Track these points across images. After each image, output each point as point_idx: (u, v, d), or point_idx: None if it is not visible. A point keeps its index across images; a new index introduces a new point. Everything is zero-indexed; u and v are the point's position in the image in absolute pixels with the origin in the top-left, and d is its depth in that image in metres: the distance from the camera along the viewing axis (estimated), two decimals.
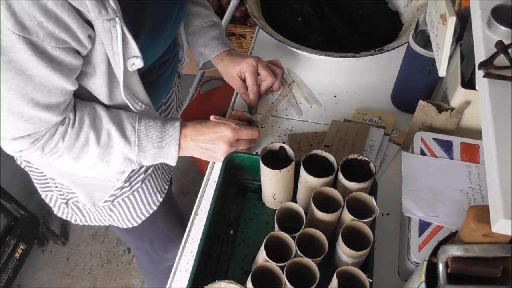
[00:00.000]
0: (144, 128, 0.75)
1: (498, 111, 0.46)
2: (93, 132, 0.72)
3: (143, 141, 0.75)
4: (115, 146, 0.74)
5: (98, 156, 0.74)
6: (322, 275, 0.62)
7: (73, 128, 0.71)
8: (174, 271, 0.79)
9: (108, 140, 0.73)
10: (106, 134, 0.73)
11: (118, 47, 0.63)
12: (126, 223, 0.98)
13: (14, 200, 1.64)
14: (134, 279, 1.76)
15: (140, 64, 0.67)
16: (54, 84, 0.62)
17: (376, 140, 0.92)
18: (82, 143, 0.72)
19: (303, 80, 1.06)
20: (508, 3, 0.55)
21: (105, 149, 0.73)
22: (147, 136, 0.76)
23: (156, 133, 0.76)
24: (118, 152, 0.74)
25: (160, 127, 0.77)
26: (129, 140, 0.74)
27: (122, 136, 0.74)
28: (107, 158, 0.75)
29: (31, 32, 0.54)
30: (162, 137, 0.76)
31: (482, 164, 0.78)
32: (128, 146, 0.74)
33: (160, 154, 0.78)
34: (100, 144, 0.73)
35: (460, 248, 0.49)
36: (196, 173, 2.03)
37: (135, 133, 0.75)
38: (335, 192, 0.70)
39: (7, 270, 1.60)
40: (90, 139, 0.72)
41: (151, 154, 0.77)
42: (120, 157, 0.75)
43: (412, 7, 1.10)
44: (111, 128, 0.73)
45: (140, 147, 0.75)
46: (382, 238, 0.79)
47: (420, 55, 0.84)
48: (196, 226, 0.84)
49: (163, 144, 0.77)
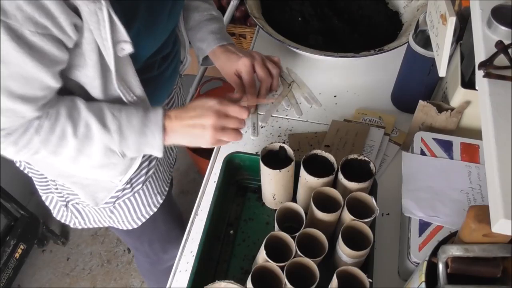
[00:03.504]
0: (125, 117, 0.70)
1: (498, 111, 0.46)
2: (70, 123, 0.67)
3: (125, 130, 0.70)
4: (95, 137, 0.69)
5: (77, 149, 0.69)
6: (322, 275, 0.62)
7: (48, 121, 0.66)
8: (174, 271, 0.79)
9: (87, 131, 0.68)
10: (84, 125, 0.68)
11: (106, 31, 0.61)
12: (126, 225, 0.98)
13: (14, 200, 1.64)
14: (134, 279, 1.76)
15: (129, 49, 0.65)
16: (32, 74, 0.59)
17: (376, 140, 0.92)
18: (58, 136, 0.67)
19: (303, 80, 1.06)
20: (508, 3, 0.55)
21: (83, 141, 0.68)
22: (128, 124, 0.70)
23: (138, 119, 0.71)
24: (98, 142, 0.69)
25: (142, 114, 0.72)
26: (109, 129, 0.69)
27: (102, 125, 0.69)
28: (87, 151, 0.70)
29: (9, 15, 0.52)
30: (145, 124, 0.71)
31: (482, 164, 0.78)
32: (109, 135, 0.69)
33: (144, 143, 0.72)
34: (78, 136, 0.68)
35: (460, 248, 0.49)
36: (196, 173, 2.03)
37: (115, 121, 0.69)
38: (335, 192, 0.70)
39: (7, 270, 1.60)
40: (67, 132, 0.67)
41: (134, 143, 0.71)
42: (101, 148, 0.70)
43: (412, 7, 1.10)
44: (89, 118, 0.68)
45: (122, 136, 0.70)
46: (382, 238, 0.79)
47: (420, 55, 0.84)
48: (196, 226, 0.84)
49: (146, 132, 0.71)
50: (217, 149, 0.96)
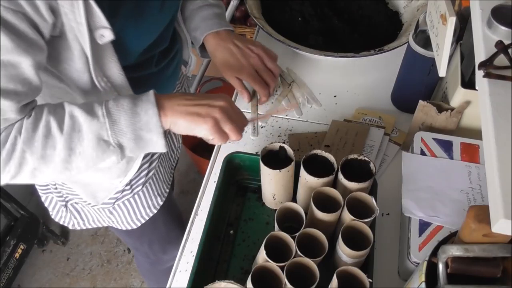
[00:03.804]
0: (112, 100, 0.64)
1: (498, 111, 0.46)
2: (53, 117, 0.61)
3: (113, 111, 0.62)
4: (83, 127, 0.62)
5: (67, 147, 0.61)
6: (322, 275, 0.62)
7: (30, 119, 0.60)
8: (174, 271, 0.79)
9: (73, 123, 0.61)
10: (69, 117, 0.61)
11: (81, 15, 0.58)
12: (125, 225, 0.97)
13: (14, 200, 1.64)
14: (134, 279, 1.76)
15: (109, 36, 0.61)
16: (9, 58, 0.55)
17: (376, 140, 0.92)
18: (43, 134, 0.60)
19: (303, 80, 1.06)
20: (508, 3, 0.55)
21: (71, 134, 0.61)
22: (116, 106, 0.63)
23: (127, 100, 0.64)
24: (87, 133, 0.62)
25: (131, 95, 0.66)
26: (96, 114, 0.62)
27: (87, 113, 0.62)
28: (79, 148, 0.62)
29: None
30: (135, 104, 0.63)
31: (482, 164, 0.78)
32: (96, 120, 0.61)
33: (139, 125, 0.63)
34: (64, 129, 0.61)
35: (460, 248, 0.49)
36: (196, 173, 2.03)
37: (102, 106, 0.63)
38: (335, 192, 0.70)
39: (7, 270, 1.60)
40: (52, 127, 0.60)
41: (128, 126, 0.63)
42: (93, 140, 0.62)
43: (412, 7, 1.10)
44: (73, 109, 0.62)
45: (111, 119, 0.62)
46: (382, 238, 0.79)
47: (420, 55, 0.84)
48: (196, 226, 0.84)
49: (138, 111, 0.63)
50: (217, 149, 0.96)
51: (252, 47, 0.89)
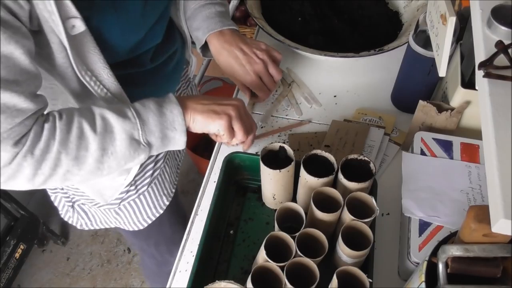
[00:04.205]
0: (138, 103, 0.68)
1: (498, 111, 0.46)
2: (85, 119, 0.63)
3: (142, 112, 0.66)
4: (115, 128, 0.64)
5: (100, 147, 0.63)
6: (322, 275, 0.62)
7: (61, 120, 0.62)
8: (174, 271, 0.79)
9: (105, 124, 0.64)
10: (101, 118, 0.64)
11: (51, 3, 0.56)
12: (132, 226, 0.97)
13: (14, 200, 1.64)
14: (134, 279, 1.76)
15: (81, 26, 0.60)
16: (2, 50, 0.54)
17: (376, 140, 0.92)
18: (77, 135, 0.62)
19: (303, 80, 1.06)
20: (508, 3, 0.55)
21: (104, 135, 0.64)
22: (143, 107, 0.67)
23: (152, 102, 0.68)
24: (120, 133, 0.64)
25: (154, 99, 0.70)
26: (127, 115, 0.65)
27: (119, 115, 0.65)
28: (111, 148, 0.65)
29: None
30: (160, 104, 0.68)
31: (482, 164, 0.78)
32: (128, 120, 0.65)
33: (165, 124, 0.68)
34: (97, 130, 0.63)
35: (460, 248, 0.49)
36: (196, 173, 2.03)
37: (130, 108, 0.66)
38: (335, 192, 0.70)
39: (7, 270, 1.60)
40: (84, 128, 0.62)
41: (156, 126, 0.67)
42: (125, 140, 0.65)
43: (412, 7, 1.10)
44: (103, 111, 0.64)
45: (142, 120, 0.66)
46: (382, 238, 0.79)
47: (420, 55, 0.84)
48: (196, 226, 0.84)
49: (164, 111, 0.68)
50: (217, 149, 0.96)
51: (257, 52, 0.87)
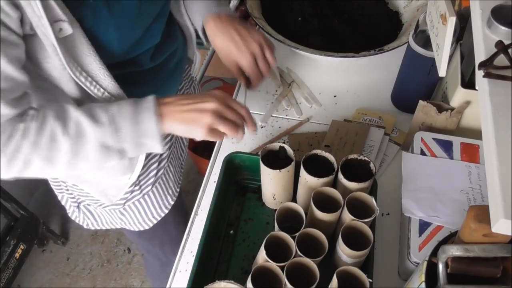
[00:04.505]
0: (116, 106, 0.66)
1: (498, 111, 0.46)
2: (59, 122, 0.63)
3: (117, 119, 0.65)
4: (87, 133, 0.64)
5: (71, 151, 0.64)
6: (322, 275, 0.62)
7: (35, 122, 0.62)
8: (174, 271, 0.79)
9: (78, 129, 0.64)
10: (74, 123, 0.64)
11: (39, 7, 0.56)
12: (137, 226, 0.97)
13: (14, 200, 1.64)
14: (134, 279, 1.76)
15: (68, 29, 0.60)
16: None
17: (376, 140, 0.92)
18: (48, 137, 0.63)
19: (303, 80, 1.06)
20: (508, 3, 0.55)
21: (76, 140, 0.64)
22: (119, 113, 0.66)
23: (130, 107, 0.66)
24: (91, 140, 0.65)
25: (134, 101, 0.67)
26: (101, 121, 0.65)
27: (92, 120, 0.64)
28: (82, 152, 0.65)
29: None
30: (137, 111, 0.66)
31: (482, 164, 0.78)
32: (101, 128, 0.64)
33: (140, 133, 0.67)
34: (69, 134, 0.64)
35: (460, 248, 0.49)
36: (196, 173, 2.03)
37: (106, 113, 0.65)
38: (335, 192, 0.70)
39: (7, 270, 1.60)
40: (56, 131, 0.63)
41: (130, 134, 0.66)
42: (96, 146, 0.65)
43: (412, 7, 1.10)
44: (79, 115, 0.64)
45: (115, 127, 0.65)
46: (382, 238, 0.79)
47: (420, 55, 0.84)
48: (196, 226, 0.84)
49: (140, 119, 0.66)
50: (217, 149, 0.96)
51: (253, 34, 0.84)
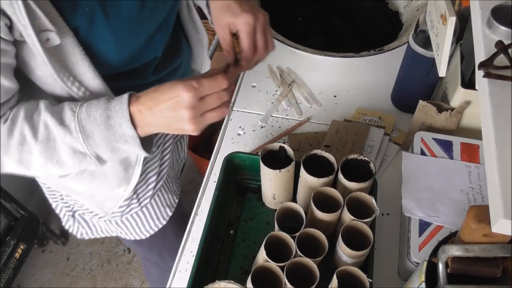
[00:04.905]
0: (85, 110, 0.61)
1: (498, 111, 0.46)
2: (27, 125, 0.60)
3: (86, 125, 0.61)
4: (57, 137, 0.61)
5: (43, 155, 0.61)
6: (322, 275, 0.62)
7: (4, 124, 0.60)
8: (174, 271, 0.79)
9: (47, 133, 0.60)
10: (43, 126, 0.60)
11: (23, 16, 0.53)
12: (134, 236, 0.95)
13: (14, 200, 1.64)
14: (134, 279, 1.76)
15: (55, 39, 0.57)
16: None
17: (376, 140, 0.92)
18: (18, 141, 0.60)
19: (303, 80, 1.06)
20: (508, 3, 0.55)
21: (46, 144, 0.61)
22: (89, 118, 0.61)
23: (100, 111, 0.61)
24: (63, 145, 0.61)
25: (104, 104, 0.61)
26: (69, 127, 0.60)
27: (60, 124, 0.60)
28: (55, 157, 0.62)
29: None
30: (108, 115, 0.60)
31: (482, 164, 0.78)
32: (69, 134, 0.60)
33: (114, 138, 0.61)
34: (38, 139, 0.60)
35: (460, 248, 0.49)
36: (196, 173, 2.03)
37: (74, 117, 0.61)
38: (335, 192, 0.70)
39: (7, 270, 1.60)
40: (26, 135, 0.60)
41: (103, 140, 0.61)
42: (68, 152, 0.62)
43: (412, 7, 1.10)
44: (48, 118, 0.60)
45: (85, 133, 0.61)
46: (382, 238, 0.79)
47: (420, 55, 0.84)
48: (196, 226, 0.84)
49: (112, 124, 0.61)
50: (217, 149, 0.96)
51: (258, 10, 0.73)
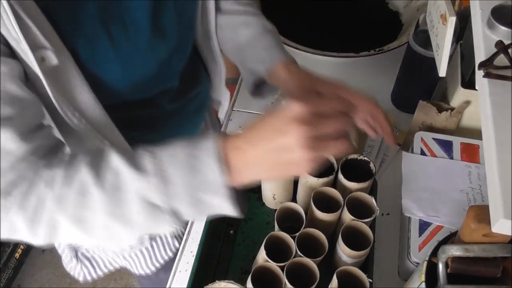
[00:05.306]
0: (165, 149, 0.49)
1: (498, 111, 0.46)
2: (91, 171, 0.47)
3: (167, 167, 0.47)
4: (128, 186, 0.47)
5: (107, 210, 0.47)
6: (322, 275, 0.62)
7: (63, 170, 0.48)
8: (174, 271, 0.79)
9: (116, 180, 0.47)
10: (113, 172, 0.48)
11: (16, 30, 0.46)
12: (139, 271, 0.92)
13: None
14: (134, 279, 1.76)
15: (52, 58, 0.50)
16: None
17: (376, 140, 0.92)
18: (77, 190, 0.47)
19: None
20: (508, 3, 0.55)
21: (113, 194, 0.47)
22: (171, 158, 0.48)
23: (184, 150, 0.48)
24: (133, 195, 0.47)
25: (188, 142, 0.49)
26: (145, 169, 0.47)
27: (133, 167, 0.47)
28: (123, 211, 0.48)
29: None
30: (194, 155, 0.47)
31: (482, 164, 0.78)
32: (145, 179, 0.47)
33: (197, 186, 0.47)
34: (104, 186, 0.47)
35: (460, 248, 0.49)
36: None
37: (153, 158, 0.48)
38: (335, 192, 0.70)
39: (7, 270, 1.60)
40: (88, 182, 0.47)
41: (184, 187, 0.47)
42: (137, 203, 0.47)
43: (412, 7, 1.10)
44: (118, 162, 0.48)
45: (164, 178, 0.47)
46: (382, 238, 0.79)
47: (420, 55, 0.84)
48: (196, 226, 0.84)
49: (197, 166, 0.46)
50: None
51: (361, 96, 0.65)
